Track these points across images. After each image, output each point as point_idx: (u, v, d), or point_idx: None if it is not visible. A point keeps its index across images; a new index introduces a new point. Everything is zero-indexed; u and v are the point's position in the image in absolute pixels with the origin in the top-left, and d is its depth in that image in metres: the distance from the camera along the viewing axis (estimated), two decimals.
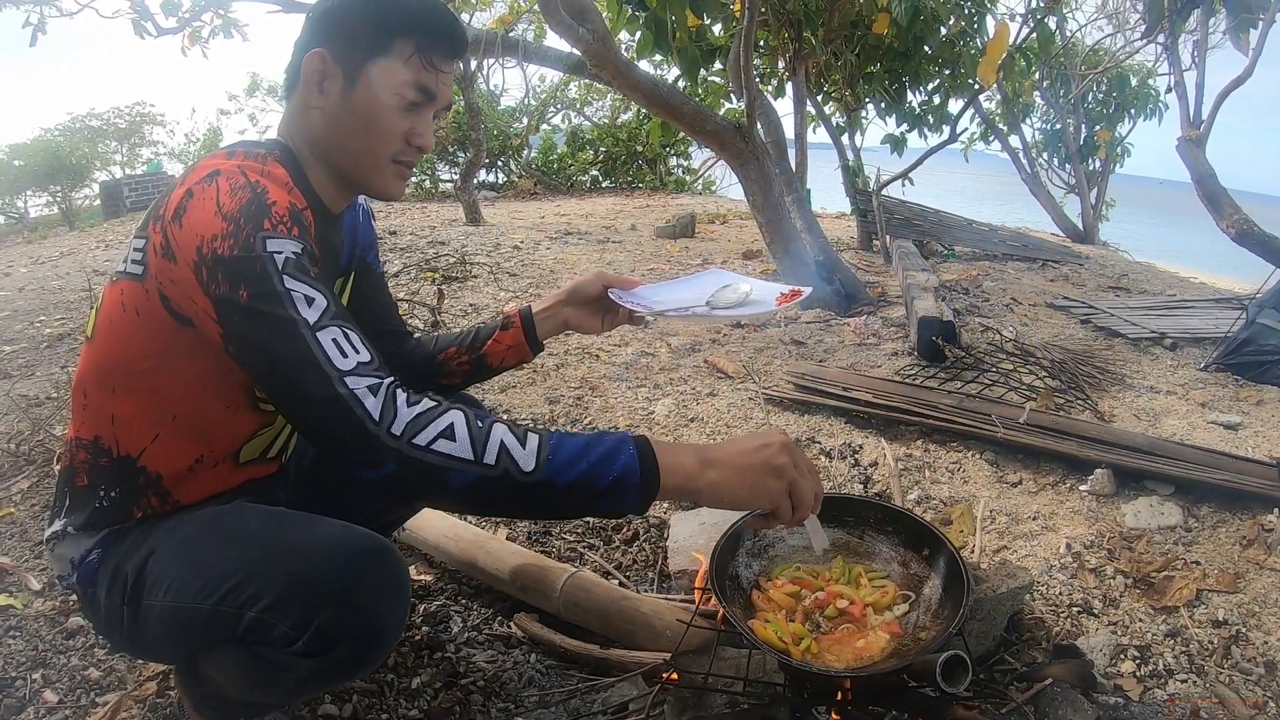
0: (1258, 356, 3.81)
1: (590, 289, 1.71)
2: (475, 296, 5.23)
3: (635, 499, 1.12)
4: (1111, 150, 10.29)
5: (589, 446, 1.11)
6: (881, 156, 7.64)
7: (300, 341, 1.09)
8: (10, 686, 1.78)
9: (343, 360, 1.09)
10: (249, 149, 1.30)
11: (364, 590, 1.19)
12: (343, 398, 1.07)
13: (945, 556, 1.52)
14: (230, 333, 1.14)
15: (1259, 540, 2.26)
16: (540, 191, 13.93)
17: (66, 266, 6.61)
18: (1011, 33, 5.72)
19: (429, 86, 1.35)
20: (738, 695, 1.52)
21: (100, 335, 1.33)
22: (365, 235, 1.69)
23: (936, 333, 3.86)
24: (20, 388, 3.59)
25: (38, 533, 2.41)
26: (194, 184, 1.18)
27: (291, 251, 1.14)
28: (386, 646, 1.27)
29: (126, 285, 1.27)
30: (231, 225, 1.12)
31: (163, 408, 1.33)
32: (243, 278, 1.11)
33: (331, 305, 1.14)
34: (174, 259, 1.17)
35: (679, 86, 5.65)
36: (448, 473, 1.07)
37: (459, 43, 1.37)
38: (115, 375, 1.32)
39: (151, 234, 1.22)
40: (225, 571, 1.21)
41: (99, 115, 16.21)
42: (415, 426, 1.07)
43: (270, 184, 1.20)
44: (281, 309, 1.10)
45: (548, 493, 1.10)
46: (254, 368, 1.15)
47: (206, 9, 6.96)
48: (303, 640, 1.17)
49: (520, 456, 1.09)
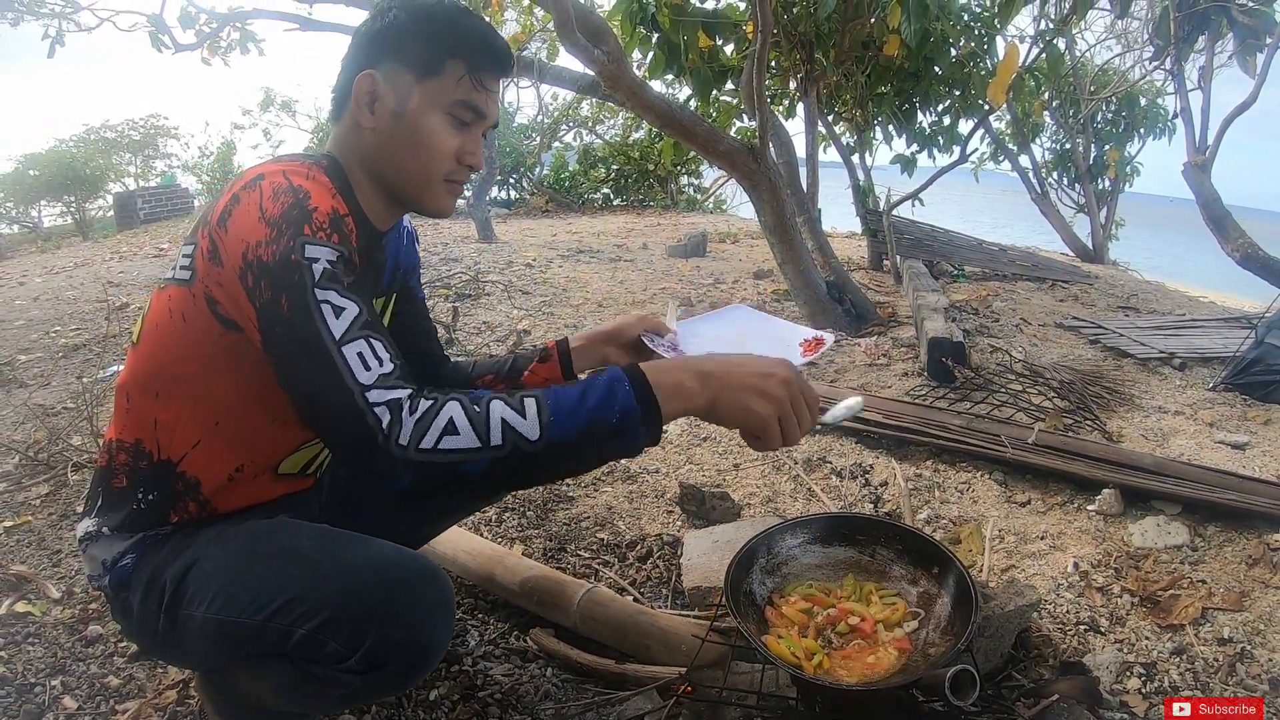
0: (1266, 376, 3.82)
1: (631, 332, 1.72)
2: (488, 314, 5.27)
3: (644, 433, 1.15)
4: (1121, 170, 10.30)
5: (584, 394, 1.14)
6: (892, 176, 7.66)
7: (327, 357, 1.12)
8: (30, 692, 1.80)
9: (365, 374, 1.12)
10: (300, 158, 1.33)
11: (416, 611, 1.22)
12: (362, 413, 1.10)
13: (954, 575, 1.55)
14: (269, 341, 1.17)
15: (1265, 559, 2.28)
16: (552, 209, 13.97)
17: (81, 277, 6.66)
18: (1021, 54, 5.75)
19: (479, 106, 1.39)
20: (751, 709, 1.55)
21: (146, 340, 1.37)
22: (409, 258, 1.71)
23: (946, 354, 3.88)
24: (37, 397, 3.63)
25: (56, 540, 2.45)
26: (239, 189, 1.21)
27: (328, 260, 1.17)
28: (433, 664, 1.29)
29: (174, 291, 1.31)
30: (274, 230, 1.15)
31: (206, 414, 1.36)
32: (283, 287, 1.14)
33: (363, 313, 1.16)
34: (221, 263, 1.20)
35: (691, 107, 5.69)
36: (460, 466, 1.10)
37: (506, 63, 1.41)
38: (159, 380, 1.36)
39: (200, 239, 1.25)
40: (277, 588, 1.23)
41: (113, 127, 16.34)
42: (419, 431, 1.09)
43: (313, 186, 1.23)
44: (312, 323, 1.13)
45: (559, 452, 1.12)
46: (285, 380, 1.18)
47: (225, 25, 7.04)
48: (355, 658, 1.19)
49: (524, 428, 1.11)
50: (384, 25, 1.36)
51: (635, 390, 1.14)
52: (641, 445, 1.17)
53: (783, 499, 2.73)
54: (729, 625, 1.70)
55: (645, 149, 14.59)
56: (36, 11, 6.88)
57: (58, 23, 6.89)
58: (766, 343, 1.71)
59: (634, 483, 2.90)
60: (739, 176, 4.89)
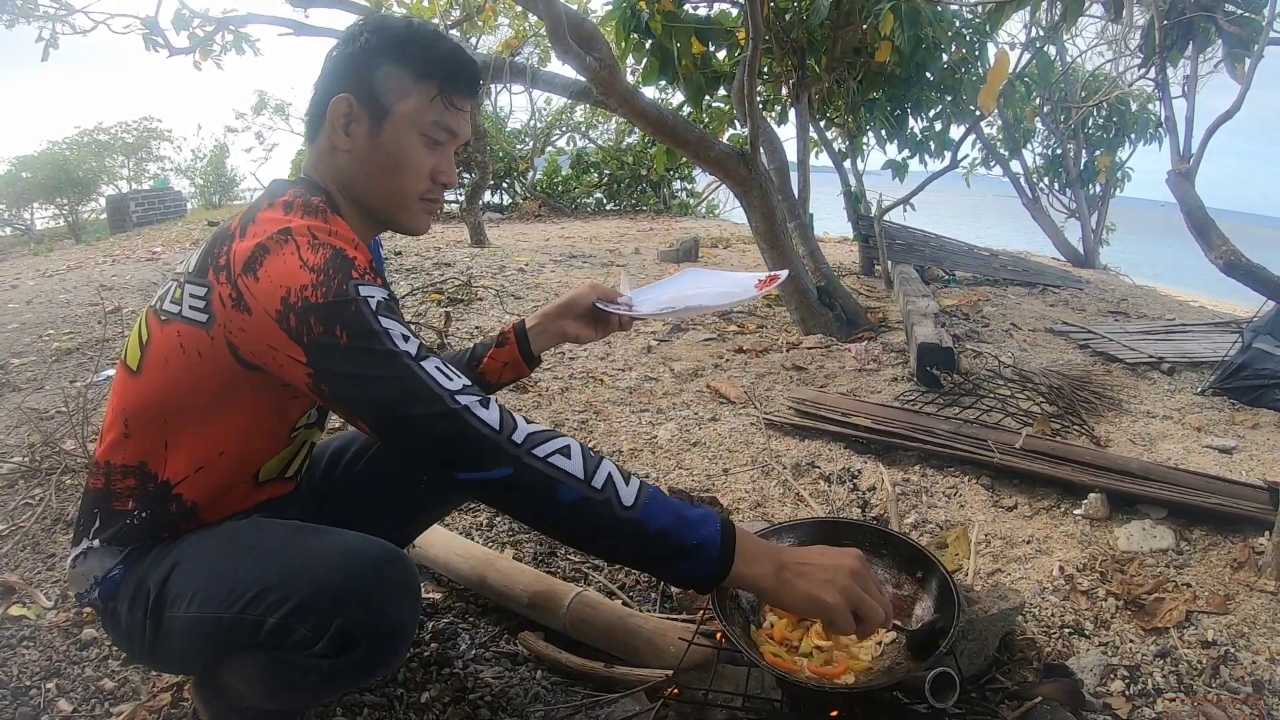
0: (1254, 381, 3.85)
1: (585, 301, 1.78)
2: (481, 319, 5.28)
3: (710, 570, 1.20)
4: (1112, 175, 10.32)
5: (681, 505, 1.20)
6: (883, 182, 7.70)
7: (407, 371, 1.16)
8: (24, 695, 1.81)
9: (449, 383, 1.17)
10: (303, 199, 1.34)
11: (380, 593, 1.24)
12: (458, 411, 1.15)
13: (937, 579, 1.57)
14: (327, 373, 1.18)
15: (1250, 563, 2.30)
16: (545, 214, 14.01)
17: (74, 280, 6.67)
18: (1012, 60, 5.80)
19: (451, 125, 1.42)
20: (737, 710, 1.57)
21: (152, 372, 1.37)
22: (376, 262, 1.74)
23: (935, 359, 3.90)
24: (30, 401, 3.63)
25: (50, 545, 2.46)
26: (265, 240, 1.23)
27: (382, 296, 1.21)
28: (402, 647, 1.32)
29: (185, 329, 1.31)
30: (320, 276, 1.18)
31: (212, 444, 1.39)
32: (339, 320, 1.17)
33: (422, 344, 1.21)
34: (248, 310, 1.22)
35: (683, 113, 5.72)
36: (558, 485, 1.15)
37: (476, 83, 1.45)
38: (168, 410, 1.37)
39: (215, 284, 1.26)
40: (248, 582, 1.26)
41: (106, 130, 16.37)
42: (536, 439, 1.16)
43: (344, 244, 1.26)
44: (382, 345, 1.17)
45: (638, 531, 1.17)
46: (358, 403, 1.19)
47: (219, 30, 7.05)
48: (322, 642, 1.21)
49: (623, 491, 1.17)
50: (356, 49, 1.38)
51: (723, 535, 1.20)
52: (700, 581, 1.22)
53: (771, 504, 2.75)
54: (715, 628, 1.72)
55: (638, 154, 14.65)
56: (30, 14, 6.89)
57: (52, 25, 6.90)
58: (722, 289, 1.75)
59: None
60: (730, 182, 4.92)
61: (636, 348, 4.67)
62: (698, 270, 1.87)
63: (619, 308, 1.73)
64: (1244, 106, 3.16)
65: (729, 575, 1.21)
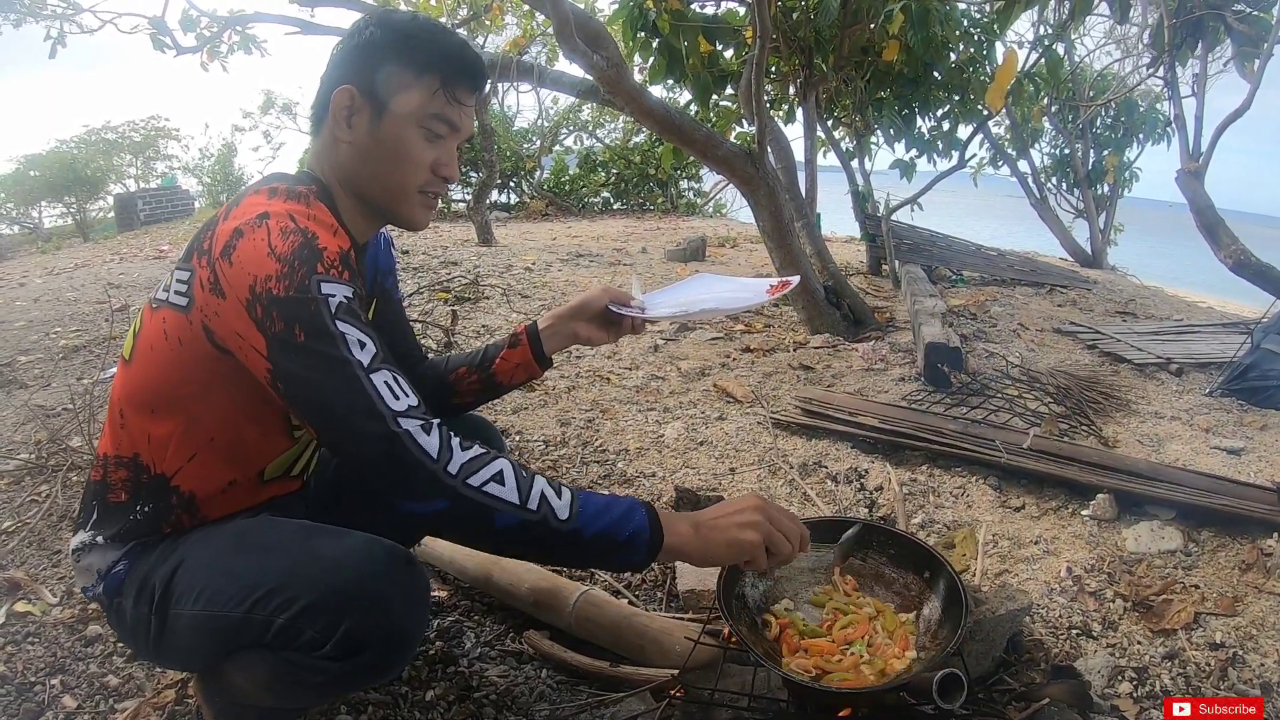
0: (1262, 382, 3.83)
1: (597, 303, 1.77)
2: (488, 318, 5.28)
3: (644, 554, 1.25)
4: (1120, 175, 10.29)
5: (609, 505, 1.24)
6: (891, 181, 7.67)
7: (355, 382, 1.16)
8: (29, 691, 1.82)
9: (396, 402, 1.17)
10: (289, 186, 1.35)
11: (390, 596, 1.24)
12: (398, 436, 1.14)
13: (945, 579, 1.56)
14: (281, 370, 1.19)
15: (1258, 564, 2.29)
16: (552, 213, 14.02)
17: (81, 278, 6.68)
18: (1020, 59, 5.77)
19: (453, 119, 1.42)
20: (742, 710, 1.56)
21: (140, 359, 1.38)
22: (386, 261, 1.74)
23: (943, 359, 3.89)
24: (37, 398, 3.64)
25: (55, 541, 2.47)
26: (242, 223, 1.22)
27: (344, 296, 1.20)
28: (410, 651, 1.32)
29: (169, 315, 1.33)
30: (285, 267, 1.18)
31: (201, 431, 1.39)
32: (298, 318, 1.17)
33: (380, 351, 1.20)
34: (222, 294, 1.22)
35: (690, 112, 5.71)
36: (495, 513, 1.17)
37: (480, 77, 1.45)
38: (156, 398, 1.38)
39: (197, 268, 1.27)
40: (256, 581, 1.25)
41: (114, 128, 16.39)
42: (470, 468, 1.17)
43: (319, 228, 1.25)
44: (335, 350, 1.17)
45: (576, 539, 1.21)
46: (305, 404, 1.21)
47: (226, 29, 7.06)
48: (330, 644, 1.21)
49: (557, 506, 1.20)
50: (361, 42, 1.39)
51: (649, 520, 1.26)
52: (636, 565, 1.28)
53: (778, 503, 2.73)
54: (721, 628, 1.71)
55: (645, 153, 14.65)
56: (38, 13, 6.90)
57: (59, 24, 6.91)
58: (734, 293, 1.76)
59: (630, 486, 2.91)
60: (737, 181, 4.91)
61: (643, 346, 4.66)
62: (710, 275, 1.88)
63: (631, 311, 1.73)
64: (1253, 105, 3.15)
65: (660, 552, 1.26)
